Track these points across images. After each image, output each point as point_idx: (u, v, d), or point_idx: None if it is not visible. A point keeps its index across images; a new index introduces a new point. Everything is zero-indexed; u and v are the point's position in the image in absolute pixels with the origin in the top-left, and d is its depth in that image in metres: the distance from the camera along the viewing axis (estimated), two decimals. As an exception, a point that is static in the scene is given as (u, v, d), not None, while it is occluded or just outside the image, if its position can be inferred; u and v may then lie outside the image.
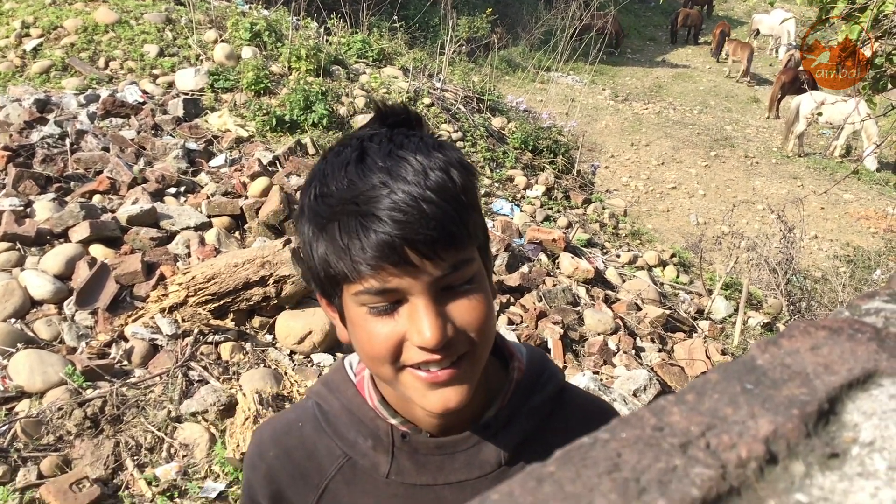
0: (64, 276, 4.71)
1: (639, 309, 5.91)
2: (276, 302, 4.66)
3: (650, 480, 0.35)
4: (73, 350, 4.33)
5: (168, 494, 3.62)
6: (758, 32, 23.06)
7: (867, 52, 3.33)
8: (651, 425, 0.38)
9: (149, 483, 3.65)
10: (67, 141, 6.06)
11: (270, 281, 4.60)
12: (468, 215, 0.88)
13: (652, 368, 5.08)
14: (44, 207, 5.20)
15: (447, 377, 0.90)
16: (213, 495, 3.67)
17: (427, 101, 8.45)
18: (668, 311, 5.94)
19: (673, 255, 7.83)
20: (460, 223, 0.86)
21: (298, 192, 5.66)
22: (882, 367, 0.44)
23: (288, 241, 4.69)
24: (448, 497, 1.03)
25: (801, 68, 17.53)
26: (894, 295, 0.52)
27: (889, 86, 3.57)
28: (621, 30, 22.40)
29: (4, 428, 3.74)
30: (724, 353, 5.48)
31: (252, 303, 4.64)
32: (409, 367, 0.91)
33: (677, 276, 7.27)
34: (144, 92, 7.22)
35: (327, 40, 9.08)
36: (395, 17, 10.81)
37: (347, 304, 0.92)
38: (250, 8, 9.67)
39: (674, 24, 24.42)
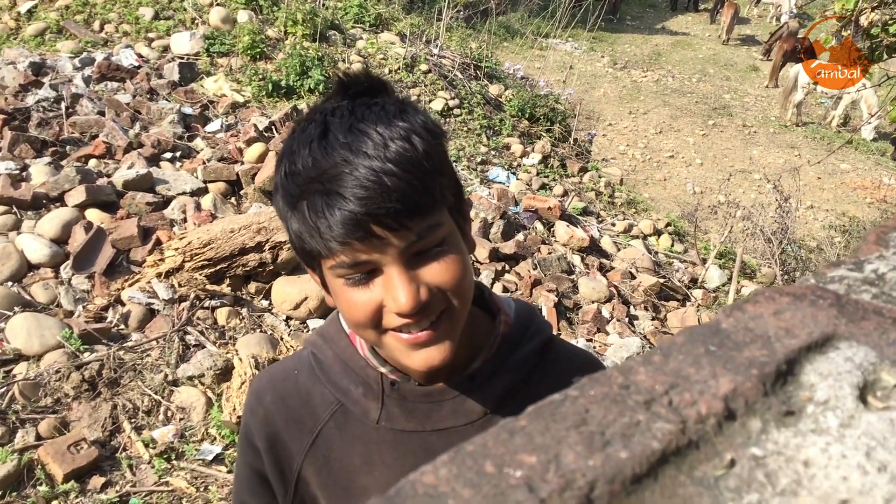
0: (60, 241, 4.73)
1: (633, 277, 5.94)
2: (272, 268, 4.68)
3: (614, 434, 0.37)
4: (69, 314, 4.36)
5: (165, 457, 3.67)
6: (759, 0, 22.87)
7: (864, 22, 3.33)
8: (618, 383, 0.40)
9: (146, 445, 3.70)
10: (63, 105, 6.04)
11: (266, 247, 4.62)
12: (432, 181, 0.89)
13: (645, 336, 5.13)
14: (40, 171, 5.20)
15: (427, 338, 0.93)
16: (210, 458, 3.72)
17: (424, 67, 8.40)
18: (662, 280, 5.98)
19: (668, 225, 7.85)
20: (423, 191, 0.87)
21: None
22: (840, 332, 0.46)
23: (284, 207, 4.69)
24: (435, 443, 1.07)
25: (800, 37, 17.46)
26: (859, 263, 0.54)
27: (885, 56, 3.57)
28: None
29: (2, 390, 3.78)
30: (717, 321, 5.52)
31: (248, 268, 4.66)
32: (390, 330, 0.94)
33: (672, 245, 7.30)
34: (139, 56, 7.18)
35: (324, 4, 9.00)
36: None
37: (327, 276, 0.95)
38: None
39: (675, -11, 24.24)
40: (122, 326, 4.37)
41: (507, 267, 5.51)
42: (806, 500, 0.37)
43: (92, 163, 5.49)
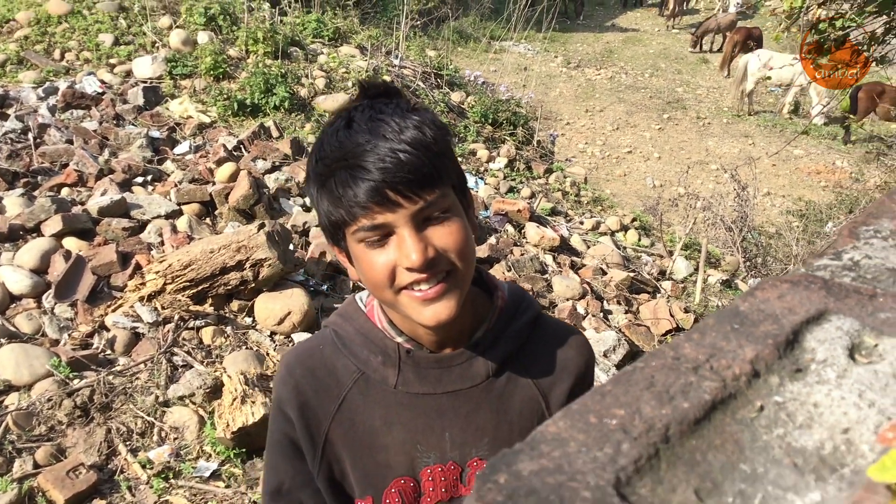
0: (40, 271, 4.76)
1: (604, 273, 6.11)
2: (253, 285, 4.76)
3: (675, 391, 0.50)
4: (56, 342, 4.40)
5: (163, 476, 3.74)
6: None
7: (811, 18, 3.52)
8: (671, 356, 0.53)
9: (143, 466, 3.76)
10: (30, 135, 6.05)
11: (247, 265, 4.70)
12: (439, 161, 1.07)
13: (620, 329, 5.29)
14: (13, 203, 5.22)
15: (436, 294, 1.09)
16: (207, 474, 3.80)
17: (387, 78, 8.52)
18: (631, 274, 6.15)
19: (634, 220, 8.05)
20: (431, 167, 1.05)
21: (266, 176, 5.70)
22: (830, 307, 0.59)
23: (262, 225, 4.77)
24: (446, 404, 1.24)
25: (753, 27, 17.88)
26: (838, 254, 0.68)
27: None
28: None
29: (-4, 422, 3.82)
30: (686, 311, 5.71)
31: (230, 287, 4.73)
32: (403, 289, 1.10)
33: (639, 240, 7.49)
34: (103, 82, 7.20)
35: (282, 21, 9.08)
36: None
37: (350, 243, 1.12)
38: (201, -9, 9.62)
39: (626, -14, 24.60)
40: (109, 351, 4.42)
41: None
42: (817, 431, 0.50)
43: (65, 191, 5.51)
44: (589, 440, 0.45)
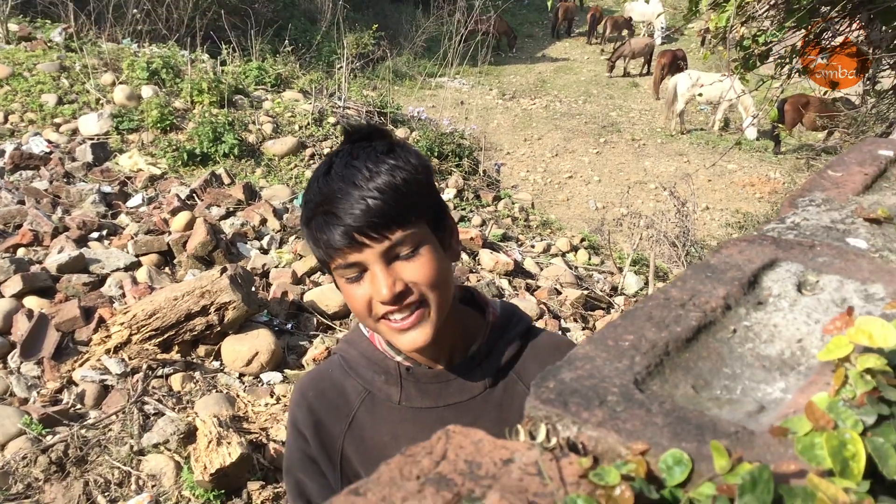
0: (3, 331, 4.75)
1: (559, 293, 6.29)
2: (219, 329, 4.81)
3: (669, 321, 0.65)
4: (25, 401, 4.40)
5: (145, 523, 3.76)
6: (630, 20, 24.02)
7: (735, 36, 3.79)
8: (662, 297, 0.68)
9: (124, 515, 3.79)
10: (-20, 198, 6.04)
11: (212, 309, 4.76)
12: (408, 201, 1.17)
13: (579, 345, 5.45)
14: (-31, 267, 5.21)
15: (410, 324, 1.21)
16: (189, 518, 3.83)
17: (332, 120, 8.68)
18: (585, 292, 6.35)
19: (583, 240, 8.28)
20: (398, 210, 1.16)
21: (221, 222, 5.75)
22: (780, 256, 0.75)
23: (224, 269, 4.84)
24: (448, 417, 1.33)
25: (676, 49, 18.52)
26: (782, 219, 0.84)
27: (758, 63, 4.05)
28: (511, 30, 23.06)
29: (-28, 484, 3.81)
30: (641, 323, 5.89)
31: (196, 332, 4.78)
32: (381, 318, 1.23)
33: (589, 259, 7.72)
34: (49, 142, 7.21)
35: (223, 71, 9.19)
36: (287, 42, 11.01)
37: (335, 277, 1.27)
38: (140, 47, 9.70)
39: (555, 18, 25.17)
40: (80, 406, 4.43)
41: (441, 298, 5.76)
42: (778, 343, 0.65)
43: (21, 251, 5.52)
44: (610, 356, 0.60)
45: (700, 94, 10.41)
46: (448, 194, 8.25)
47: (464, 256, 6.59)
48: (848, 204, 0.87)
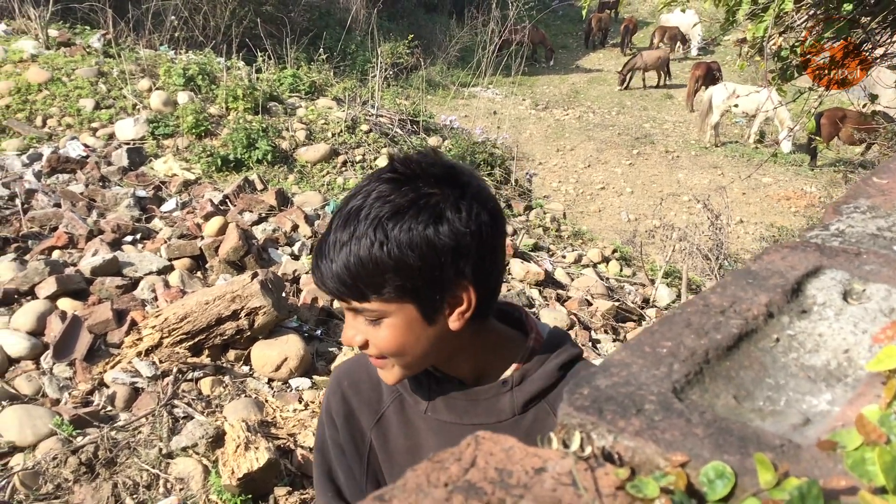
0: (37, 332, 4.80)
1: (590, 304, 6.24)
2: (249, 334, 4.83)
3: (709, 328, 0.62)
4: (56, 402, 4.44)
5: (172, 526, 3.78)
6: (678, 30, 23.80)
7: (773, 47, 3.74)
8: (701, 304, 0.66)
9: (152, 518, 3.80)
10: (18, 201, 6.13)
11: (242, 314, 4.78)
12: (368, 282, 1.13)
13: (609, 357, 5.40)
14: (6, 268, 5.28)
15: (378, 365, 1.25)
16: (216, 522, 3.84)
17: (365, 127, 8.72)
18: (616, 304, 6.29)
19: (614, 251, 8.22)
20: (352, 289, 1.15)
21: (253, 228, 5.79)
22: (824, 264, 0.72)
23: (255, 274, 4.86)
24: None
25: (711, 61, 18.39)
26: (825, 226, 0.81)
27: (796, 74, 3.99)
28: (547, 40, 23.04)
29: (3, 483, 3.84)
30: (672, 336, 5.83)
31: (226, 337, 4.80)
32: None
33: (621, 270, 7.66)
34: (86, 146, 7.31)
35: (258, 78, 9.28)
36: (321, 50, 11.09)
37: None
38: (176, 54, 9.82)
39: (589, 28, 25.13)
40: (110, 407, 4.46)
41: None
42: (824, 353, 0.63)
43: (56, 254, 5.59)
44: (647, 363, 0.58)
45: (736, 106, 10.30)
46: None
47: (494, 266, 6.56)
48: (895, 211, 0.84)
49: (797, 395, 0.57)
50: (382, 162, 8.20)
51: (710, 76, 17.32)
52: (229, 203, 6.64)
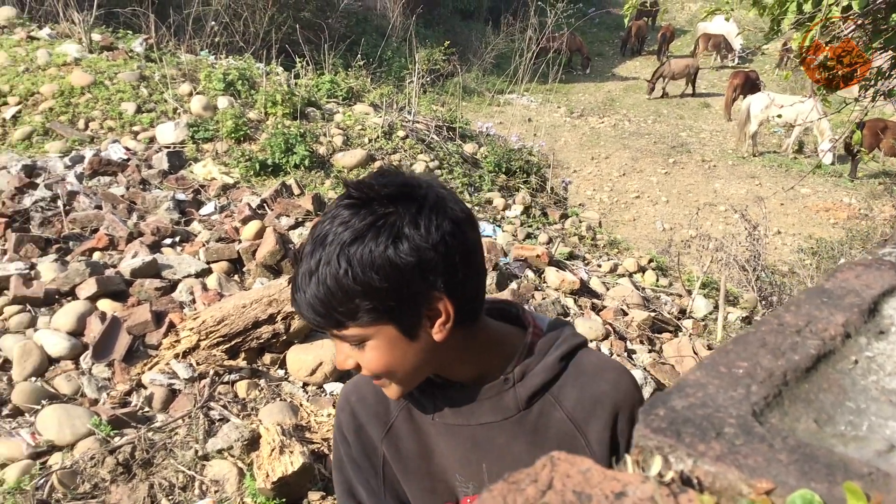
0: (77, 333, 4.86)
1: (625, 314, 6.19)
2: (285, 338, 4.86)
3: (786, 348, 0.61)
4: (95, 402, 4.49)
5: (207, 528, 3.80)
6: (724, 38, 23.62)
7: (819, 57, 3.67)
8: (776, 323, 0.64)
9: (187, 519, 3.83)
10: (60, 202, 6.22)
11: (279, 318, 4.80)
12: (342, 310, 1.14)
13: (645, 368, 5.35)
14: (47, 269, 5.36)
15: (378, 384, 1.27)
16: (250, 525, 3.86)
17: (402, 133, 8.75)
18: (652, 314, 6.23)
19: (650, 261, 8.15)
20: (327, 318, 1.15)
21: (290, 232, 5.82)
22: (901, 283, 0.70)
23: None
24: (480, 435, 1.33)
25: (749, 70, 18.21)
26: (898, 243, 0.79)
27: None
28: (584, 48, 22.99)
29: (42, 481, 3.90)
30: (710, 348, 5.77)
31: (262, 340, 4.83)
32: None
33: (657, 280, 7.59)
34: (127, 149, 7.41)
35: (297, 83, 9.35)
36: (360, 56, 11.17)
37: None
38: (216, 59, 9.93)
39: (626, 37, 25.05)
40: (148, 408, 4.50)
41: (505, 315, 5.72)
42: (904, 377, 0.60)
43: (96, 255, 5.66)
44: (723, 384, 0.56)
45: (779, 116, 10.19)
46: (515, 211, 8.23)
47: (529, 273, 6.54)
48: (969, 230, 0.82)
49: (880, 420, 0.55)
50: (419, 168, 8.22)
51: (749, 85, 17.15)
52: (267, 207, 6.69)
